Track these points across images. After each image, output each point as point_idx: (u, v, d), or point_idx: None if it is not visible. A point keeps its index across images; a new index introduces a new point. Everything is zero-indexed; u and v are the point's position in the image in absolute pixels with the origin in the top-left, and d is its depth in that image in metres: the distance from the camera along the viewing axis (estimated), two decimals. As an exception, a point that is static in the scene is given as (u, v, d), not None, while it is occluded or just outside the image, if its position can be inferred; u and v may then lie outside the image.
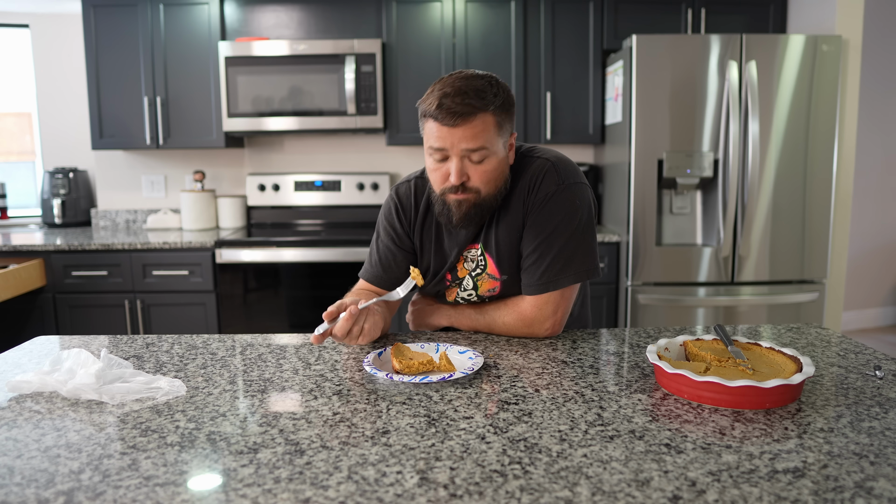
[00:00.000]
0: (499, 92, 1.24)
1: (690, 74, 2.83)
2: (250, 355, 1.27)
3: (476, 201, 1.28)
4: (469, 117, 1.21)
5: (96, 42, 3.28)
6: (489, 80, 1.24)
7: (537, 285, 1.31)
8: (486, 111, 1.21)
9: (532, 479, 0.76)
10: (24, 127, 3.94)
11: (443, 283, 1.44)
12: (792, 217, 2.92)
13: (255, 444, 0.86)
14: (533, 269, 1.32)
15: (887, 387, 1.05)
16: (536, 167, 1.33)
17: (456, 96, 1.20)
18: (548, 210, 1.30)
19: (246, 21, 3.33)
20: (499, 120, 1.24)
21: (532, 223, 1.31)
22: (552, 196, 1.30)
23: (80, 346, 1.35)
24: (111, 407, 1.00)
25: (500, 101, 1.23)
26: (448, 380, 1.09)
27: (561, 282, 1.30)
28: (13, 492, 0.74)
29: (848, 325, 4.53)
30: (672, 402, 0.99)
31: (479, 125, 1.21)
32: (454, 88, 1.21)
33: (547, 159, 1.34)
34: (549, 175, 1.31)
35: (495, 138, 1.24)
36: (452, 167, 1.24)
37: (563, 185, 1.30)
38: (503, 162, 1.29)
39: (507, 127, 1.27)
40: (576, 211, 1.31)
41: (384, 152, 3.71)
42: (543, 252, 1.30)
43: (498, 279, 1.38)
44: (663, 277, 2.95)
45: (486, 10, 3.28)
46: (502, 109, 1.24)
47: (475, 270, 1.40)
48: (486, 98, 1.21)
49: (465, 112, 1.20)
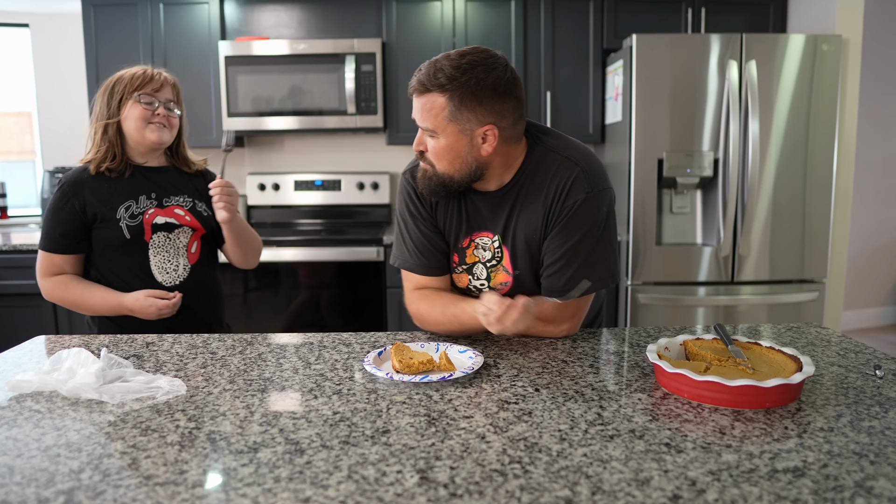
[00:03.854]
0: (463, 76, 1.17)
1: (690, 74, 2.83)
2: (250, 355, 1.27)
3: (432, 175, 1.28)
4: (421, 93, 1.21)
5: (96, 42, 3.28)
6: (469, 62, 1.18)
7: (562, 291, 1.29)
8: (436, 92, 1.19)
9: (532, 479, 0.76)
10: (24, 126, 3.94)
11: (450, 264, 1.41)
12: (792, 217, 2.92)
13: (255, 444, 0.86)
14: (558, 276, 1.30)
15: (887, 386, 1.05)
16: (565, 171, 1.28)
17: (423, 69, 1.21)
18: (576, 218, 1.27)
19: (246, 20, 3.33)
20: (454, 105, 1.19)
21: (560, 230, 1.29)
22: (581, 204, 1.27)
23: (80, 345, 1.35)
24: (111, 406, 1.00)
25: (460, 85, 1.17)
26: (448, 379, 1.09)
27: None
28: (13, 491, 0.74)
29: (848, 324, 4.53)
30: (672, 402, 1.00)
31: (428, 104, 1.21)
32: (430, 61, 1.21)
33: (575, 162, 1.29)
34: (578, 182, 1.27)
35: (445, 122, 1.20)
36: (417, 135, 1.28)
37: (591, 192, 1.27)
38: (459, 147, 1.23)
39: (470, 115, 1.20)
40: (602, 218, 1.29)
41: (384, 152, 3.71)
42: (570, 260, 1.28)
43: (511, 274, 1.36)
44: (663, 277, 2.95)
45: (486, 10, 3.28)
46: (462, 95, 1.18)
47: (491, 261, 1.37)
48: (439, 80, 1.18)
49: (418, 87, 1.21)
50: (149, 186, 1.64)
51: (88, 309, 1.61)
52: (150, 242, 1.62)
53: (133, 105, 1.59)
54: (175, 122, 1.66)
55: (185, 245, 1.66)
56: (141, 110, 1.58)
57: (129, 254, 1.61)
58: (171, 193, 1.67)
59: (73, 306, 1.61)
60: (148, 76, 1.62)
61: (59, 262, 1.61)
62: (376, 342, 1.34)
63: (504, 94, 1.21)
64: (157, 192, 1.65)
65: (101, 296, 1.58)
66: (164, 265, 1.63)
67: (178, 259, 1.65)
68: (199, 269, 1.69)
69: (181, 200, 1.68)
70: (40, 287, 1.62)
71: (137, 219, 1.61)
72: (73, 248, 1.60)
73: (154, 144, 1.62)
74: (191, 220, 1.67)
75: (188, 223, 1.67)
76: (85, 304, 1.60)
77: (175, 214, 1.66)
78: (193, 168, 1.76)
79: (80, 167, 1.63)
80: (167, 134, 1.63)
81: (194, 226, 1.68)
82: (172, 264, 1.64)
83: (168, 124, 1.62)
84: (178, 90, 1.69)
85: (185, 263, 1.66)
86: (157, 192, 1.65)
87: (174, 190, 1.68)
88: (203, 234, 1.71)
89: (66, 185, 1.59)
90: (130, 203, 1.61)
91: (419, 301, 1.39)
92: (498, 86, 1.20)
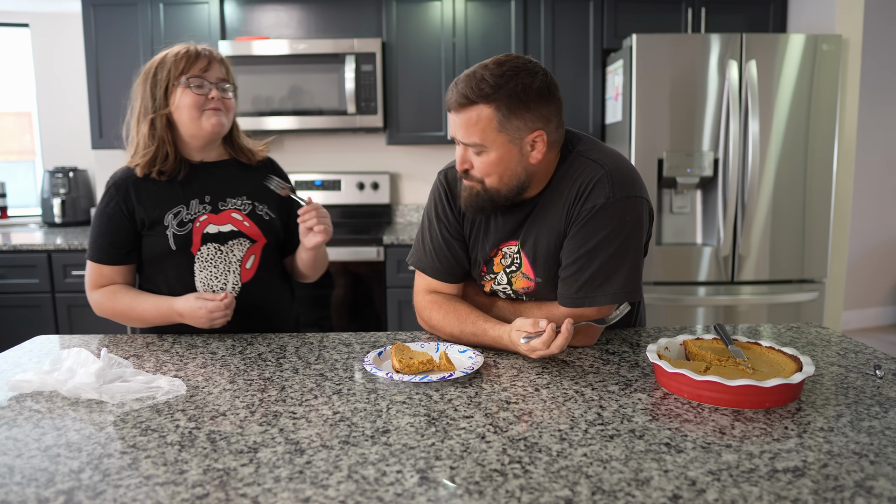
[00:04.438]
0: (509, 83, 1.14)
1: (690, 74, 2.83)
2: (250, 355, 1.27)
3: (480, 191, 1.23)
4: (464, 107, 1.16)
5: (96, 41, 3.28)
6: (513, 69, 1.15)
7: (573, 298, 1.24)
8: (482, 104, 1.14)
9: (532, 479, 0.76)
10: (24, 126, 3.94)
11: (478, 272, 1.38)
12: (792, 216, 2.92)
13: (255, 444, 0.86)
14: (570, 282, 1.24)
15: (887, 386, 1.05)
16: (589, 173, 1.23)
17: (464, 81, 1.16)
18: (594, 223, 1.21)
19: (246, 20, 3.33)
20: (501, 115, 1.15)
21: (575, 234, 1.23)
22: (600, 209, 1.20)
23: (80, 345, 1.35)
24: (111, 406, 1.00)
25: (507, 93, 1.14)
26: (448, 379, 1.09)
27: (598, 299, 1.22)
28: (13, 491, 0.74)
29: (848, 324, 4.53)
30: (672, 402, 1.00)
31: (474, 118, 1.16)
32: (469, 72, 1.16)
33: (602, 165, 1.23)
34: (600, 185, 1.21)
35: (494, 133, 1.16)
36: (458, 153, 1.22)
37: (613, 197, 1.20)
38: (509, 159, 1.19)
39: (518, 123, 1.16)
40: (623, 227, 1.21)
41: (384, 152, 3.71)
42: (583, 266, 1.22)
43: (532, 280, 1.31)
44: (663, 277, 2.95)
45: (487, 10, 3.28)
46: (510, 103, 1.14)
47: (510, 267, 1.33)
48: (484, 90, 1.13)
49: (461, 101, 1.16)
50: (203, 188, 1.46)
51: (138, 318, 1.44)
52: (196, 255, 1.44)
53: (183, 92, 1.38)
54: (231, 103, 1.45)
55: (238, 259, 1.47)
56: (192, 97, 1.38)
57: (174, 266, 1.45)
58: (227, 195, 1.48)
59: (123, 318, 1.45)
60: (193, 54, 1.40)
61: (109, 273, 1.45)
62: (376, 342, 1.34)
63: (549, 97, 1.18)
64: (212, 195, 1.47)
65: (152, 302, 1.42)
66: (210, 282, 1.45)
67: (227, 276, 1.46)
68: (253, 288, 1.49)
69: (239, 203, 1.49)
70: (89, 301, 1.47)
71: (186, 227, 1.44)
72: (123, 259, 1.45)
73: (213, 134, 1.43)
74: (249, 227, 1.48)
75: (246, 230, 1.48)
76: (134, 312, 1.43)
77: (232, 220, 1.47)
78: (255, 159, 1.54)
79: (127, 167, 1.46)
80: (225, 118, 1.43)
81: (253, 235, 1.49)
82: (220, 281, 1.46)
83: (224, 107, 1.43)
84: (228, 66, 1.47)
85: (236, 281, 1.47)
86: (213, 194, 1.47)
87: (232, 191, 1.49)
88: (264, 246, 1.50)
89: (112, 189, 1.43)
90: (180, 208, 1.44)
91: (431, 308, 1.36)
92: (543, 89, 1.17)
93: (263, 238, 1.50)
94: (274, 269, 1.56)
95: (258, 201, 1.51)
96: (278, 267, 1.58)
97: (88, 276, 1.47)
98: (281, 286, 1.59)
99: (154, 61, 1.42)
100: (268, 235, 1.51)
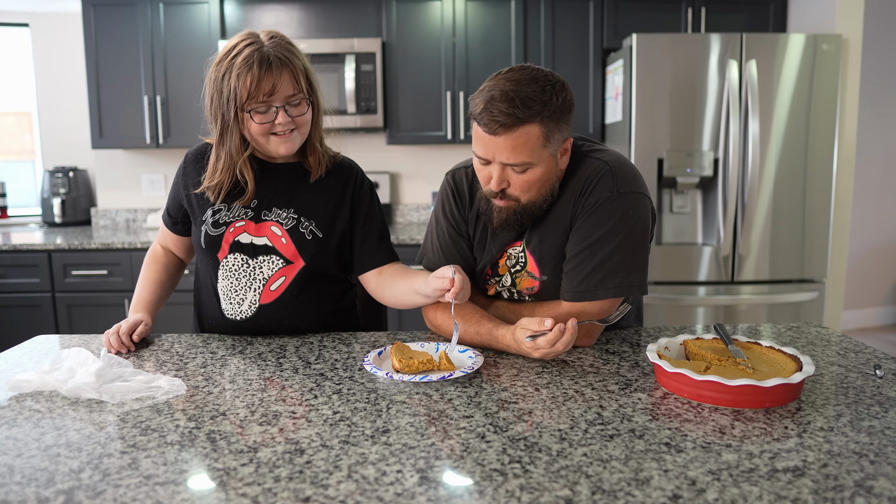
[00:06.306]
0: (552, 99, 1.14)
1: (690, 73, 2.83)
2: (250, 355, 1.27)
3: (516, 209, 1.23)
4: (511, 128, 1.13)
5: (96, 41, 3.28)
6: (545, 83, 1.14)
7: (574, 292, 1.24)
8: (532, 122, 1.13)
9: (532, 479, 0.76)
10: (24, 126, 3.94)
11: (483, 277, 1.39)
12: (792, 216, 2.92)
13: (254, 444, 0.86)
14: (572, 275, 1.25)
15: (887, 386, 1.05)
16: (593, 169, 1.25)
17: (502, 102, 1.12)
18: (597, 216, 1.22)
19: (246, 20, 3.33)
20: (547, 130, 1.15)
21: (579, 227, 1.24)
22: (604, 202, 1.22)
23: (80, 345, 1.35)
24: (111, 406, 1.00)
25: (553, 109, 1.14)
26: (448, 379, 1.09)
27: (599, 293, 1.23)
28: (13, 490, 0.74)
29: (848, 324, 4.53)
30: (672, 401, 1.00)
31: (522, 137, 1.13)
32: (502, 92, 1.12)
33: (605, 162, 1.25)
34: (604, 180, 1.23)
35: (540, 150, 1.16)
36: (494, 174, 1.19)
37: (617, 192, 1.22)
38: (550, 171, 1.21)
39: (559, 135, 1.18)
40: (627, 221, 1.22)
41: (384, 151, 3.71)
42: (585, 259, 1.23)
43: (537, 279, 1.32)
44: (663, 276, 2.95)
45: (487, 9, 3.28)
46: (554, 117, 1.15)
47: (514, 267, 1.34)
48: (533, 108, 1.12)
49: (507, 123, 1.12)
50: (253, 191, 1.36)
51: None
52: (221, 262, 1.37)
53: (248, 119, 1.29)
54: (302, 119, 1.32)
55: (265, 278, 1.37)
56: (258, 126, 1.29)
57: (204, 264, 1.41)
58: (275, 205, 1.37)
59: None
60: (256, 77, 1.24)
61: (165, 234, 1.50)
62: (376, 342, 1.34)
63: (573, 105, 1.21)
64: (258, 201, 1.37)
65: (135, 294, 1.45)
66: (229, 293, 1.38)
67: (245, 292, 1.37)
68: (272, 312, 1.38)
69: (284, 216, 1.37)
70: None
71: (220, 229, 1.36)
72: (172, 227, 1.48)
73: (284, 157, 1.37)
74: (286, 246, 1.36)
75: (282, 248, 1.36)
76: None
77: (269, 233, 1.36)
78: (320, 171, 1.40)
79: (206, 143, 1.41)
80: (297, 140, 1.33)
81: (289, 255, 1.37)
82: (238, 295, 1.37)
83: (295, 125, 1.31)
84: (298, 71, 1.29)
85: (254, 300, 1.37)
86: (260, 200, 1.37)
87: (282, 201, 1.38)
88: (301, 269, 1.37)
89: (184, 160, 1.45)
90: (222, 206, 1.37)
91: (436, 307, 1.37)
92: (572, 99, 1.20)
93: (301, 261, 1.37)
94: (309, 294, 1.41)
95: (305, 216, 1.38)
96: (318, 293, 1.43)
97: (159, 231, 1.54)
98: (309, 312, 1.43)
99: (221, 65, 1.28)
100: (306, 257, 1.37)
